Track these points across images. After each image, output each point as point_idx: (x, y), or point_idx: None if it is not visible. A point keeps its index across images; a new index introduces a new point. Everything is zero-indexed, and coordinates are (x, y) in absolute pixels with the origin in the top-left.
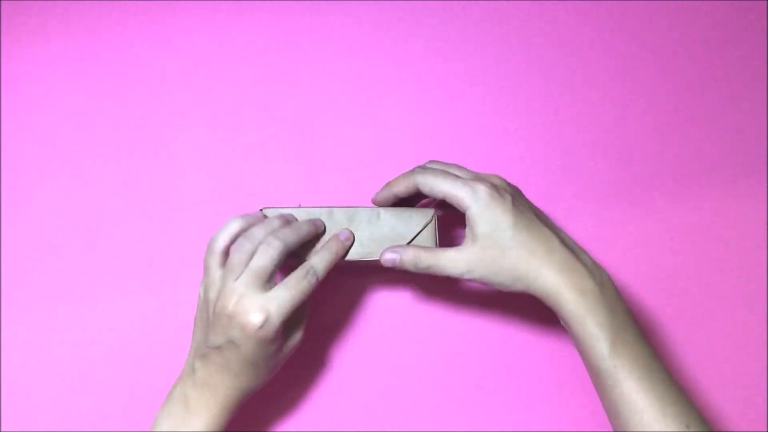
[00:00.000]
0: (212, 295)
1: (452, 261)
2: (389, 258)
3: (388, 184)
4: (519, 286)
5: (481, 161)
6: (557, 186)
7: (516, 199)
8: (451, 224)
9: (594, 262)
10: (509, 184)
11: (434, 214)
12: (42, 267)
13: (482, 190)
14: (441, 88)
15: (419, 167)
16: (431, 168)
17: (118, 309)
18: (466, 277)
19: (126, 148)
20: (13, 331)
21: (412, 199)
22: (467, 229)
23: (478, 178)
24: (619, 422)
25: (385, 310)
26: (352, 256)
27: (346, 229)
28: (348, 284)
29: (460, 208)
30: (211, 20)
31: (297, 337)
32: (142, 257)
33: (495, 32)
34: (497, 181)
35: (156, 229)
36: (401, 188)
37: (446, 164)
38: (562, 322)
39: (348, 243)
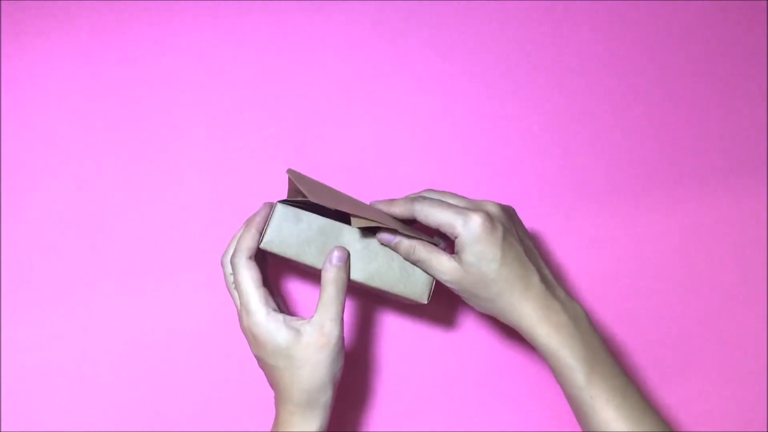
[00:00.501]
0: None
1: (441, 265)
2: (386, 237)
3: (388, 203)
4: (494, 314)
5: (480, 161)
6: (557, 186)
7: (507, 229)
8: None
9: (568, 297)
10: (503, 211)
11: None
12: (42, 267)
13: (475, 220)
14: (441, 88)
15: (419, 196)
16: (429, 198)
17: (118, 309)
18: (448, 285)
19: (126, 148)
20: (13, 331)
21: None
22: (456, 252)
23: (473, 206)
24: None
25: (384, 309)
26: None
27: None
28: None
29: (450, 236)
30: (211, 20)
31: (327, 341)
32: (142, 257)
33: (495, 32)
34: (491, 209)
35: (156, 229)
36: (399, 211)
37: (440, 193)
38: (540, 355)
39: (264, 212)
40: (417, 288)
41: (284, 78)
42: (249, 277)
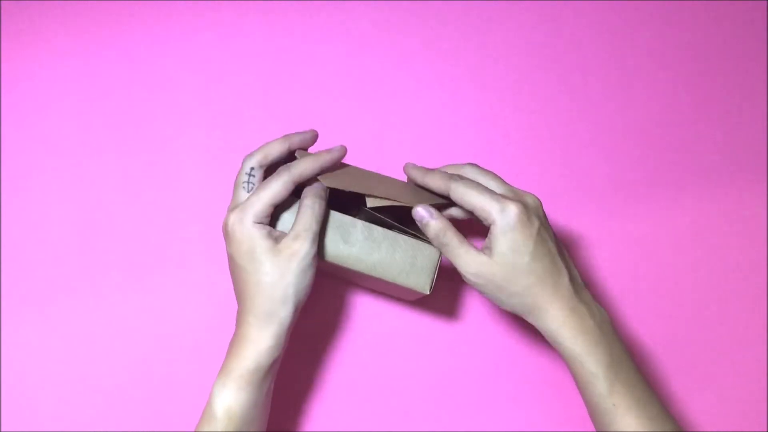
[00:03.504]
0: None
1: (469, 256)
2: (421, 213)
3: (424, 173)
4: (518, 311)
5: (480, 161)
6: (557, 186)
7: (542, 225)
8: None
9: (594, 301)
10: (541, 206)
11: (440, 256)
12: (42, 267)
13: (512, 209)
14: (441, 87)
15: (458, 175)
16: (467, 178)
17: (118, 308)
18: (471, 280)
19: (126, 148)
20: (13, 331)
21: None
22: (487, 241)
23: (513, 194)
24: None
25: (383, 308)
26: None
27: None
28: (344, 281)
29: (485, 222)
30: (211, 20)
31: (298, 248)
32: (142, 257)
33: (495, 32)
34: (531, 202)
35: (156, 229)
36: (434, 185)
37: (483, 171)
38: (562, 358)
39: (336, 154)
40: (420, 279)
41: (284, 78)
42: (275, 192)
